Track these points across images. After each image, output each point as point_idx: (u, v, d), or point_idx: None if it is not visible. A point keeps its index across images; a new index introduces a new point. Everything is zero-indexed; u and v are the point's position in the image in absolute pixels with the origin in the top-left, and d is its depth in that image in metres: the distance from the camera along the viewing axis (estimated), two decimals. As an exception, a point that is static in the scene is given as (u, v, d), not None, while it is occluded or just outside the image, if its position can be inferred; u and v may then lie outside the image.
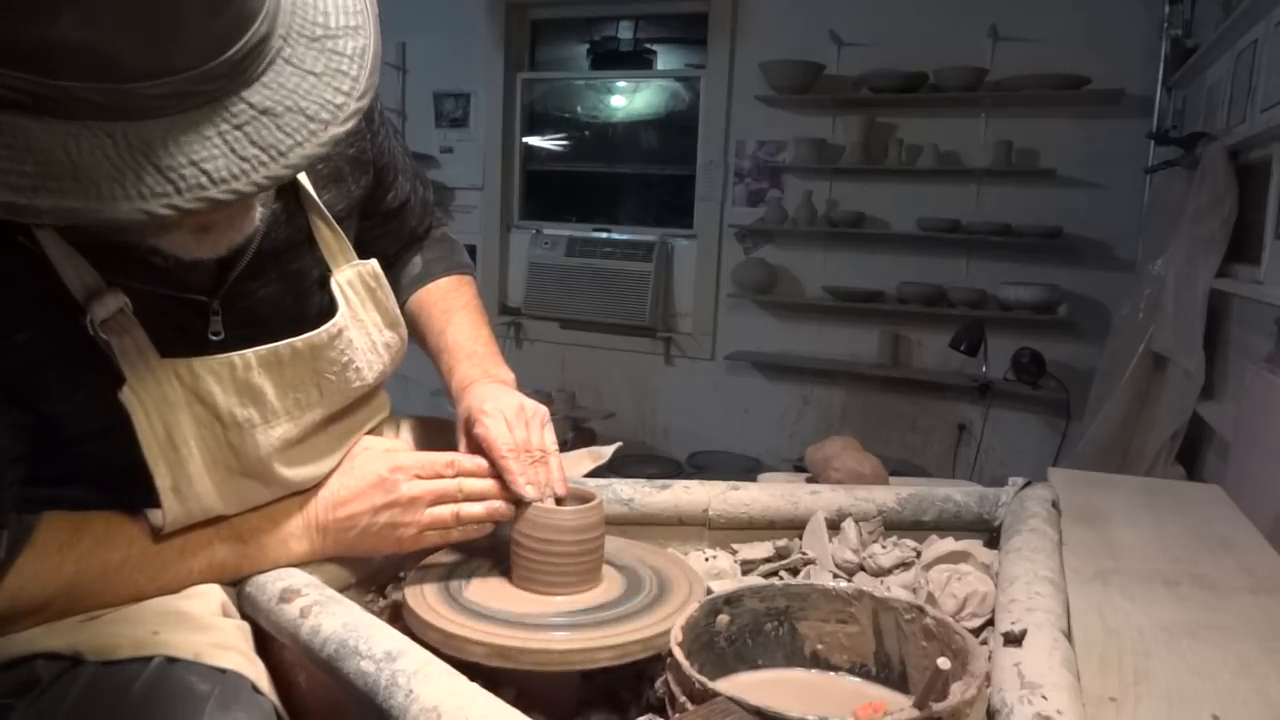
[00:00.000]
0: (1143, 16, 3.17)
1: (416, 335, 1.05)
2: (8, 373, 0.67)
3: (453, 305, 1.06)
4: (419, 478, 0.84)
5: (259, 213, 0.72)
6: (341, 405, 0.88)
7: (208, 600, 0.77)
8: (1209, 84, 2.61)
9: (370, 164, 0.95)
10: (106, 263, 0.69)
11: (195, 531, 0.78)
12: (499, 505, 0.85)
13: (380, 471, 0.85)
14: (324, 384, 0.84)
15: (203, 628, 0.73)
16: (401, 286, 1.08)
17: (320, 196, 0.86)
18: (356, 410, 0.93)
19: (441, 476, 0.85)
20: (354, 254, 0.89)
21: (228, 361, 0.76)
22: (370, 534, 0.84)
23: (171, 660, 0.69)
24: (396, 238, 1.08)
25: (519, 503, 0.84)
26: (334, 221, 0.87)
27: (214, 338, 0.77)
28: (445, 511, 0.84)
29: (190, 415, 0.75)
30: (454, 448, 0.91)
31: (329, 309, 0.85)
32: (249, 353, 0.78)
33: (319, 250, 0.86)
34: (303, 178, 0.84)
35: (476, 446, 0.87)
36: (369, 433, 0.98)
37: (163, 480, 0.74)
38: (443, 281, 1.09)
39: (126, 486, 0.76)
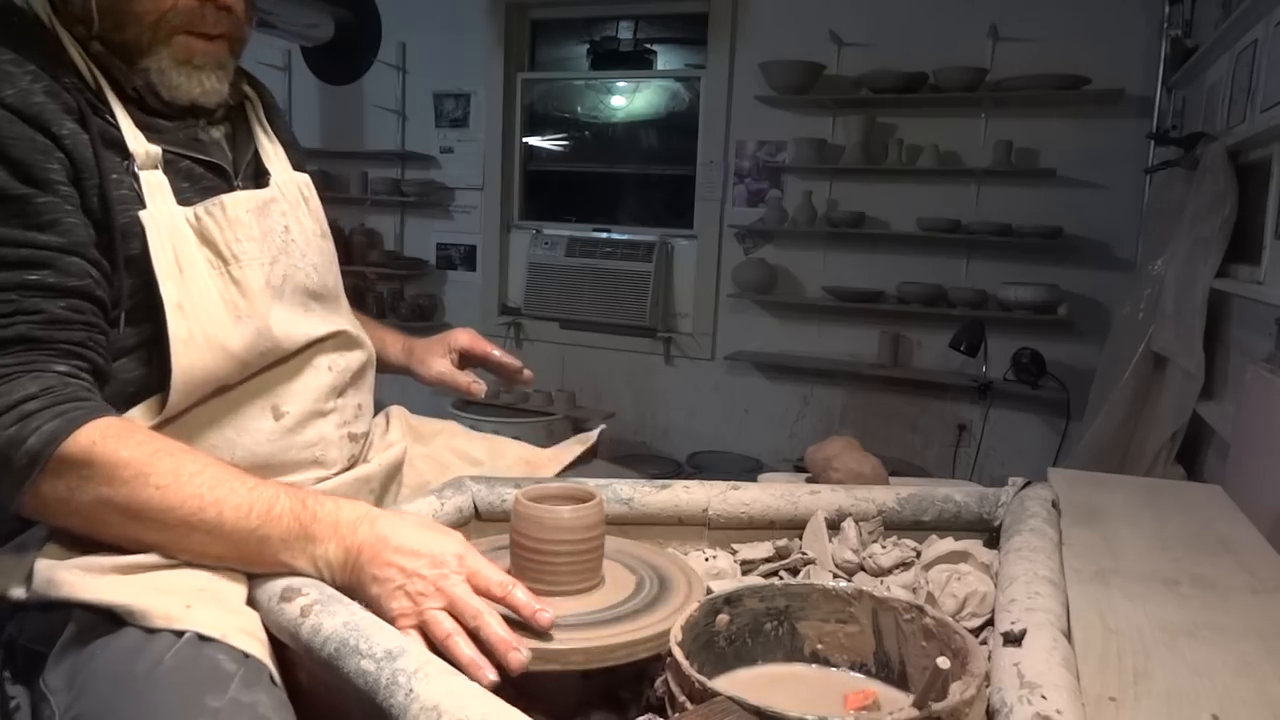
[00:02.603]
0: (1143, 16, 3.17)
1: None
2: (91, 212, 0.83)
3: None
4: (469, 583, 0.75)
5: (225, 87, 0.94)
6: (296, 275, 0.99)
7: (237, 582, 0.78)
8: (1209, 84, 2.61)
9: (290, 131, 1.13)
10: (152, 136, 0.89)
11: (265, 480, 0.80)
12: (484, 667, 0.70)
13: (447, 552, 0.76)
14: (278, 242, 0.97)
15: (233, 611, 0.75)
16: None
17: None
18: (327, 304, 1.04)
19: (488, 595, 0.75)
20: (290, 166, 1.06)
21: (218, 201, 0.91)
22: (384, 587, 0.75)
23: (202, 638, 0.70)
24: None
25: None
26: (279, 144, 1.06)
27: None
28: (448, 625, 0.72)
29: (199, 251, 0.89)
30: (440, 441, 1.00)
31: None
32: (235, 193, 0.94)
33: (263, 163, 1.03)
34: (260, 112, 1.06)
35: (469, 353, 1.25)
36: (356, 375, 1.07)
37: (169, 293, 0.85)
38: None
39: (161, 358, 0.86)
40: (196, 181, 0.93)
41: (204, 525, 0.75)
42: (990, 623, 0.83)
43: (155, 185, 0.88)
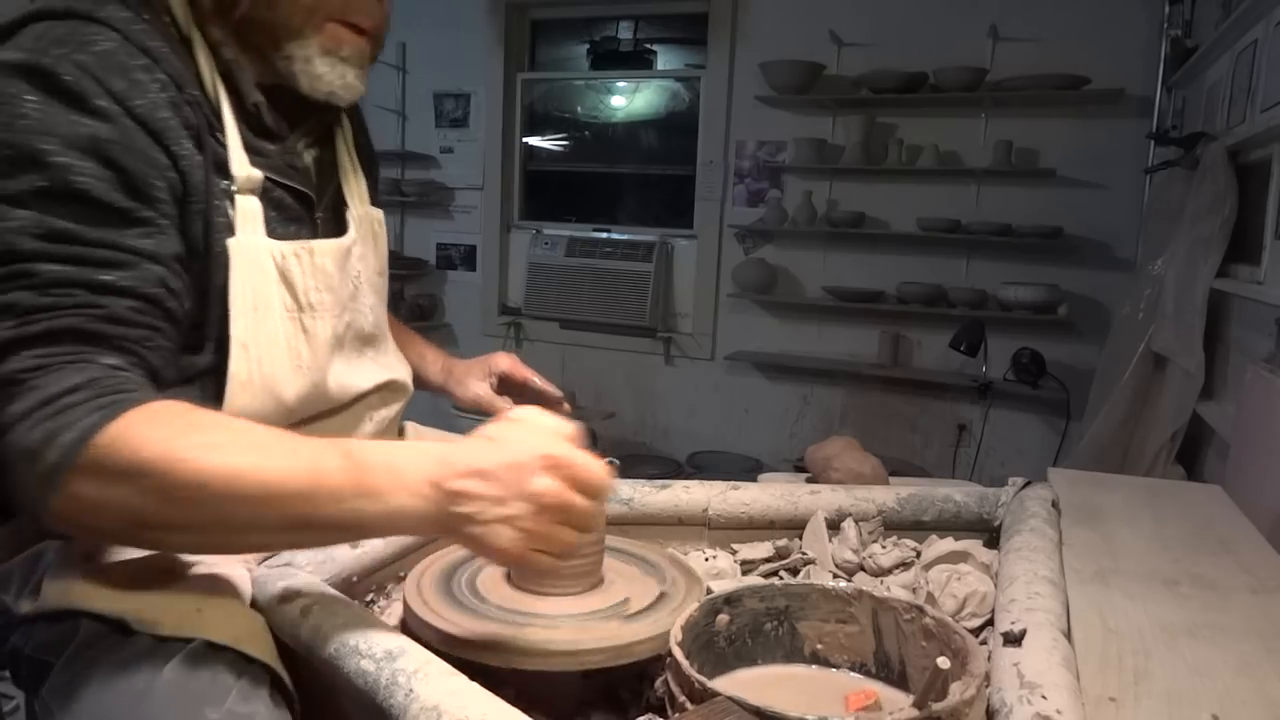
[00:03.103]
0: (1143, 16, 3.17)
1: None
2: (183, 232, 0.80)
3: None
4: (565, 481, 0.68)
5: (361, 88, 0.92)
6: (356, 320, 0.99)
7: (247, 591, 0.78)
8: (1209, 84, 2.61)
9: (374, 159, 1.12)
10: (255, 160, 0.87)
11: (308, 438, 0.71)
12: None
13: (523, 455, 0.68)
14: (349, 290, 0.97)
15: (246, 617, 0.74)
16: None
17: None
18: (378, 347, 1.05)
19: (586, 492, 0.69)
20: (368, 200, 1.05)
21: (306, 246, 0.90)
22: (476, 523, 0.67)
23: (210, 646, 0.70)
24: None
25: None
26: (360, 170, 1.04)
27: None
28: (569, 536, 0.69)
29: (276, 292, 0.87)
30: None
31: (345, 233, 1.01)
32: (321, 241, 0.93)
33: (344, 190, 1.02)
34: (349, 131, 1.04)
35: (509, 378, 1.21)
36: (392, 421, 1.09)
37: (238, 331, 0.84)
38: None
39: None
40: (284, 211, 0.91)
41: (243, 494, 0.66)
42: (990, 623, 0.83)
43: (250, 214, 0.85)
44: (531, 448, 0.68)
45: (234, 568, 0.79)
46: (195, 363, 0.84)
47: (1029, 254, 3.45)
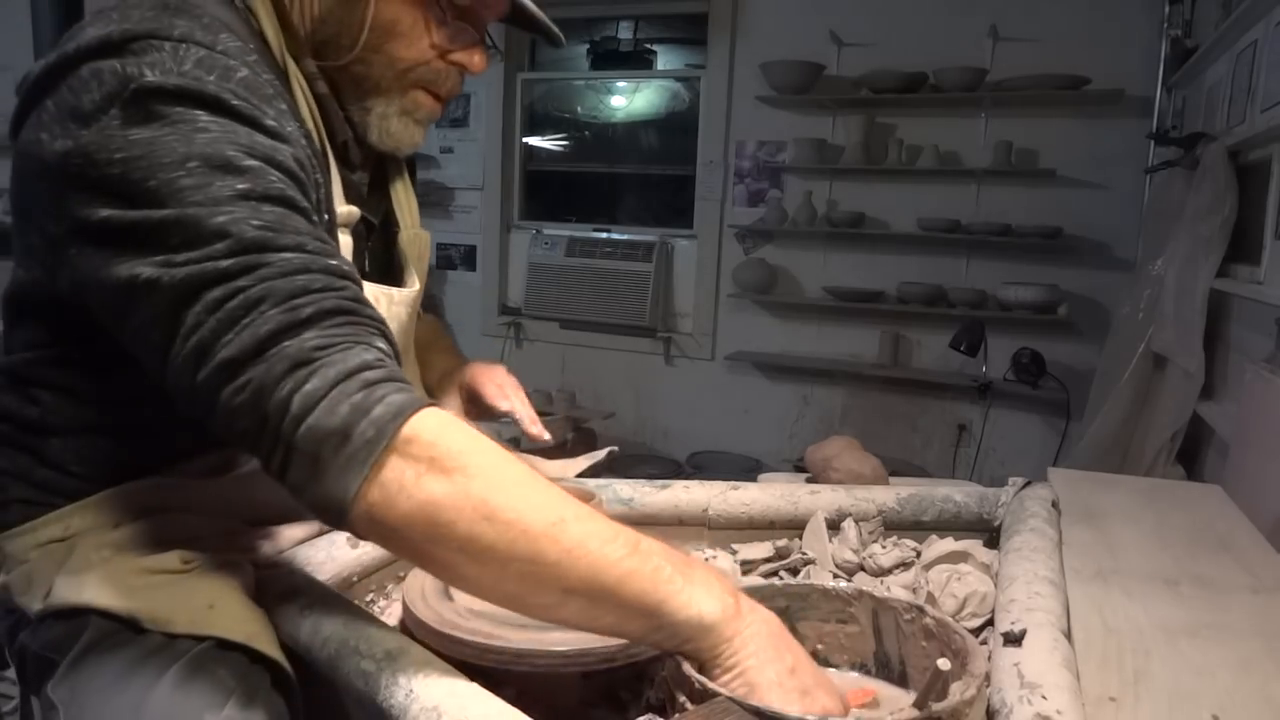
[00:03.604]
0: (1143, 16, 3.17)
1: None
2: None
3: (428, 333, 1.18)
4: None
5: (424, 140, 0.93)
6: (406, 357, 1.00)
7: (250, 586, 0.77)
8: (1209, 84, 2.61)
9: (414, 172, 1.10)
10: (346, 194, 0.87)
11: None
12: None
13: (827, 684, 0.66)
14: (406, 335, 0.98)
15: (255, 612, 0.74)
16: None
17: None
18: (408, 362, 1.05)
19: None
20: (418, 229, 1.03)
21: (385, 291, 0.91)
22: (787, 679, 0.64)
23: (221, 645, 0.70)
24: None
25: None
26: (413, 194, 1.04)
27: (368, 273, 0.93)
28: None
29: None
30: None
31: (401, 267, 1.00)
32: (399, 290, 0.94)
33: (401, 215, 1.01)
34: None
35: (478, 399, 1.10)
36: None
37: None
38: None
39: None
40: (359, 244, 0.91)
41: (563, 540, 0.61)
42: (990, 623, 0.83)
43: (348, 250, 0.85)
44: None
45: (240, 563, 0.80)
46: None
47: (1029, 254, 3.45)
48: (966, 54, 3.40)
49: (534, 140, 4.54)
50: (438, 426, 0.62)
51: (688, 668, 0.62)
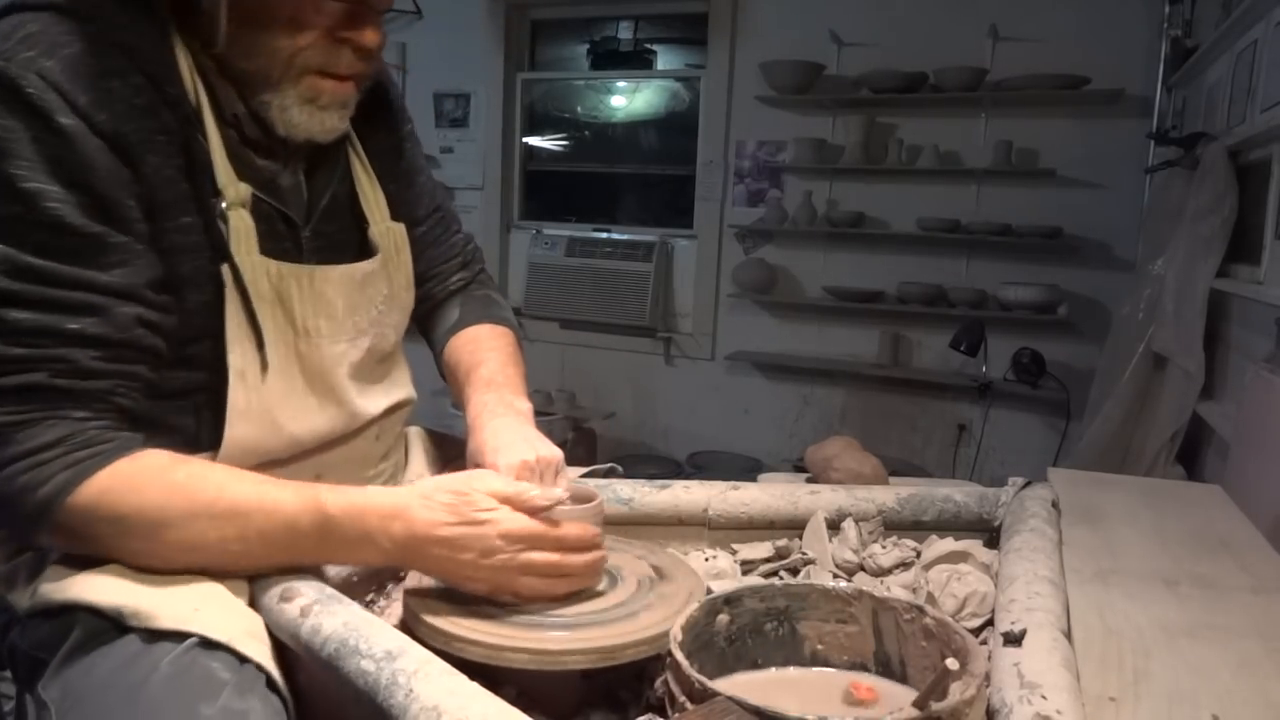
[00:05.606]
0: (1143, 16, 3.17)
1: (451, 383, 1.08)
2: (169, 255, 0.79)
3: (482, 347, 1.07)
4: (522, 543, 0.76)
5: (345, 125, 0.89)
6: (378, 344, 0.97)
7: (242, 592, 0.78)
8: (1209, 84, 2.61)
9: (403, 155, 1.06)
10: (238, 171, 0.83)
11: (285, 492, 0.77)
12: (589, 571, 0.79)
13: (482, 528, 0.76)
14: (371, 314, 0.95)
15: (241, 614, 0.74)
16: (437, 338, 1.12)
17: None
18: (390, 363, 1.03)
19: (543, 546, 0.77)
20: (388, 214, 1.00)
21: (308, 271, 0.88)
22: (454, 579, 0.78)
23: (206, 643, 0.70)
24: (418, 255, 1.07)
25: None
26: (377, 183, 1.00)
27: (304, 261, 0.89)
28: (534, 584, 0.77)
29: (272, 316, 0.85)
30: (462, 463, 0.94)
31: (371, 252, 0.97)
32: (327, 268, 0.90)
33: (362, 205, 0.98)
34: (357, 141, 0.97)
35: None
36: (399, 435, 1.07)
37: (235, 360, 0.82)
38: (476, 329, 1.10)
39: (215, 410, 0.83)
40: (271, 225, 0.87)
41: (222, 558, 0.76)
42: (990, 623, 0.83)
43: (243, 232, 0.82)
44: (489, 514, 0.76)
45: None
46: (190, 379, 0.83)
47: (1029, 254, 3.45)
48: (966, 54, 3.40)
49: (534, 140, 4.54)
50: (99, 495, 0.72)
51: (688, 668, 0.62)
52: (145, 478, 0.75)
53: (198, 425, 0.84)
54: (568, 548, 0.78)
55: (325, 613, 0.71)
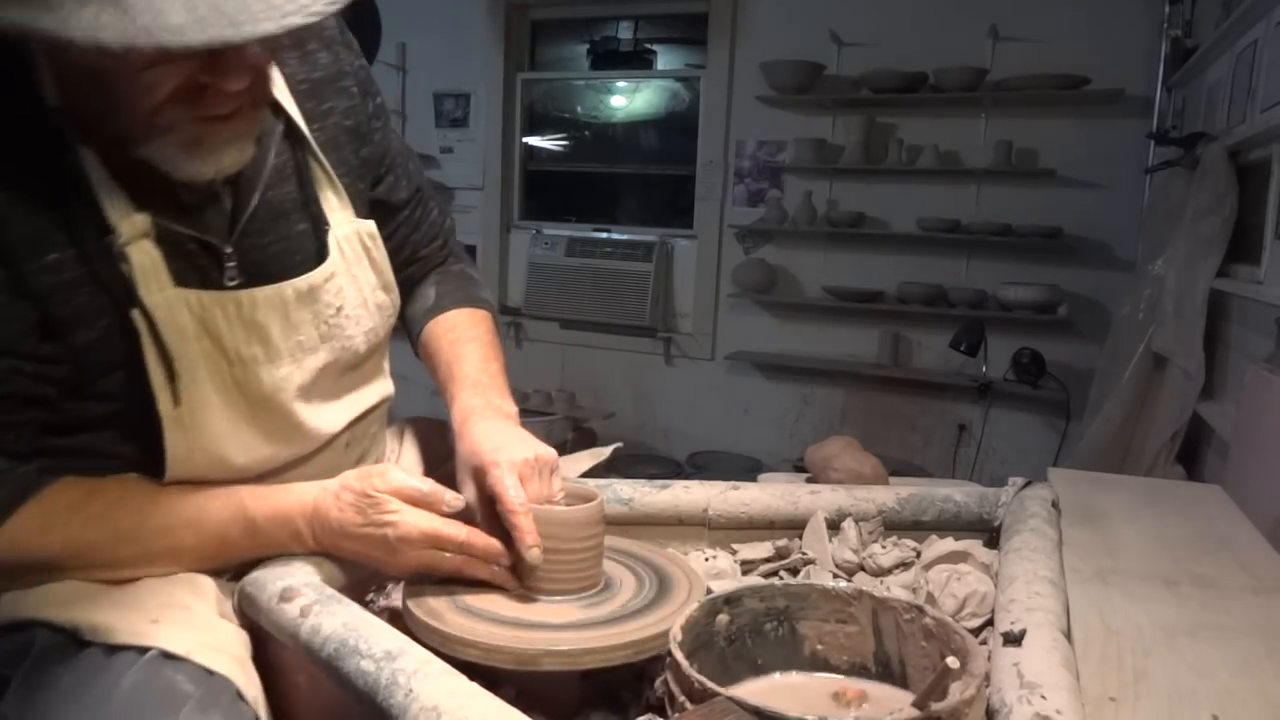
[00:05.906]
0: (1143, 16, 3.17)
1: (428, 367, 1.05)
2: (41, 298, 0.71)
3: (462, 337, 1.03)
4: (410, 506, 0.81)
5: (252, 149, 0.78)
6: (342, 355, 0.90)
7: (206, 599, 0.77)
8: (1209, 84, 2.61)
9: (367, 138, 0.96)
10: (137, 197, 0.74)
11: (211, 505, 0.80)
12: (501, 571, 0.81)
13: (384, 530, 0.80)
14: (322, 329, 0.87)
15: (201, 627, 0.74)
16: (414, 318, 1.08)
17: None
18: (362, 370, 0.96)
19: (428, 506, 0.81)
20: (354, 213, 0.92)
21: (234, 298, 0.80)
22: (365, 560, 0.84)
23: (166, 655, 0.70)
24: (402, 242, 1.05)
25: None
26: (336, 179, 0.91)
27: (230, 284, 0.81)
28: (446, 561, 0.81)
29: (200, 349, 0.78)
30: (452, 450, 0.91)
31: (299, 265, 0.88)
32: (255, 290, 0.82)
33: (319, 207, 0.89)
34: (308, 135, 0.88)
35: (487, 498, 0.83)
36: (375, 436, 1.02)
37: (165, 407, 0.77)
38: (454, 314, 1.06)
39: (147, 436, 0.78)
40: (183, 250, 0.78)
41: (157, 568, 0.79)
42: (990, 623, 0.83)
43: (149, 267, 0.74)
44: (390, 516, 0.79)
45: (192, 576, 0.80)
46: (111, 408, 0.78)
47: (1029, 254, 3.45)
48: (966, 54, 3.40)
49: (534, 140, 4.54)
50: (7, 546, 0.73)
51: (688, 668, 0.62)
52: (59, 518, 0.75)
53: (139, 450, 0.79)
54: (474, 554, 0.80)
55: (325, 613, 0.71)
